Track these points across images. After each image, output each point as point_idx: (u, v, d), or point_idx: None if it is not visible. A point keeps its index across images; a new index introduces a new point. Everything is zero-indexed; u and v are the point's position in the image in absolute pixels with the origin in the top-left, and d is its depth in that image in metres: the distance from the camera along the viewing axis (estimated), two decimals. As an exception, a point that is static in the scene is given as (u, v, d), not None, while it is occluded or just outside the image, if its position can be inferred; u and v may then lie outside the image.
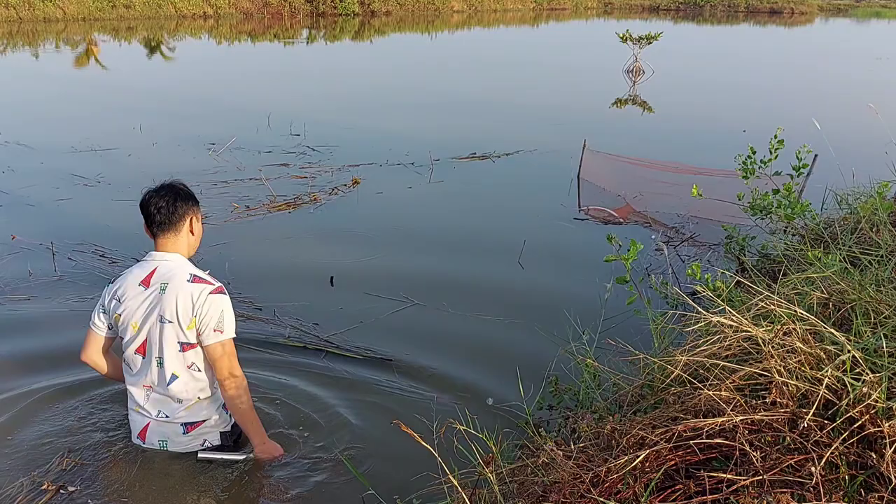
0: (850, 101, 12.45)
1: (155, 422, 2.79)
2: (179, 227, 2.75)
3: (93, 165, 7.28)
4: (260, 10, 27.69)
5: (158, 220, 2.72)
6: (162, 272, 2.69)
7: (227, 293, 2.74)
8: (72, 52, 17.50)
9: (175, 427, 2.80)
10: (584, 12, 38.62)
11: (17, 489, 2.65)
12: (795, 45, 26.53)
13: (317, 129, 9.03)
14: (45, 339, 3.78)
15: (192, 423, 2.81)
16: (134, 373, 2.79)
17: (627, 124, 11.19)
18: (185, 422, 2.79)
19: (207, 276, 2.74)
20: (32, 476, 2.71)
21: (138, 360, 2.75)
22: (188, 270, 2.71)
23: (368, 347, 3.80)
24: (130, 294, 2.71)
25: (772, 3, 40.51)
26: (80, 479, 2.72)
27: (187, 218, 2.77)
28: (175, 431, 2.80)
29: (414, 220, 5.99)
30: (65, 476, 2.73)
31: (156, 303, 2.67)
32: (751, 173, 4.58)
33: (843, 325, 2.30)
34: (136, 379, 2.78)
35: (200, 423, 2.82)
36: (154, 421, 2.79)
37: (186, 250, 2.80)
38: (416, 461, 2.49)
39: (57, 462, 2.80)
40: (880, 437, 1.69)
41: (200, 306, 2.64)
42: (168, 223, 2.72)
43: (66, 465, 2.78)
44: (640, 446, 1.85)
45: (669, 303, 3.50)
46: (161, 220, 2.72)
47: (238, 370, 2.72)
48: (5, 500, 2.60)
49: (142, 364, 2.76)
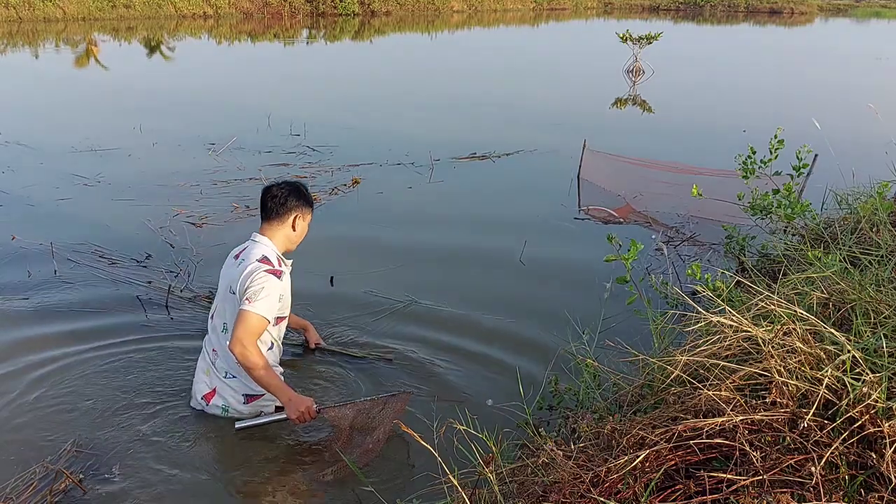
0: (849, 102, 12.45)
1: (220, 386, 3.02)
2: (284, 219, 3.03)
3: (93, 165, 7.28)
4: (260, 10, 27.69)
5: (269, 207, 3.02)
6: (249, 250, 2.99)
7: (282, 279, 2.93)
8: (72, 52, 17.50)
9: (238, 396, 3.02)
10: (584, 12, 38.61)
11: (28, 476, 2.71)
12: (795, 45, 26.51)
13: (317, 129, 9.04)
14: (44, 339, 3.78)
15: (252, 395, 3.02)
16: (209, 336, 3.09)
17: (627, 124, 11.19)
18: (245, 393, 3.01)
19: (276, 260, 2.96)
20: (44, 463, 2.78)
21: (210, 324, 3.08)
22: (263, 252, 2.95)
23: (368, 347, 3.80)
24: (226, 266, 3.08)
25: (772, 3, 40.50)
26: (88, 467, 2.79)
27: (293, 214, 3.04)
28: (238, 400, 3.03)
29: (414, 220, 5.99)
30: (76, 462, 2.80)
31: (233, 275, 2.95)
32: (751, 173, 4.57)
33: (843, 325, 2.30)
34: (208, 343, 3.08)
35: (260, 395, 3.01)
36: (220, 385, 3.02)
37: (282, 241, 3.05)
38: (416, 461, 2.50)
39: (67, 448, 2.88)
40: (880, 437, 1.69)
41: (252, 280, 2.85)
42: (275, 213, 3.02)
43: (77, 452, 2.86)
44: (640, 446, 1.85)
45: (669, 303, 3.50)
46: (270, 207, 3.02)
47: (249, 344, 2.81)
48: (17, 490, 2.65)
49: (210, 329, 3.08)
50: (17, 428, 3.06)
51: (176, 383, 3.39)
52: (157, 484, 2.74)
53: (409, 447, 2.93)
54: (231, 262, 3.05)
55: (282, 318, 3.09)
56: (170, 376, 3.46)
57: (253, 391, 3.00)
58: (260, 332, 2.86)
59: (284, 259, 3.06)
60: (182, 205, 6.04)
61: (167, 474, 2.79)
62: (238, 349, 2.79)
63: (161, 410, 3.18)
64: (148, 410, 3.18)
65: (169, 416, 3.15)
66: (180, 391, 3.32)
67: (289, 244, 3.09)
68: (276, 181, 3.12)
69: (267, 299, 2.83)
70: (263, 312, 2.83)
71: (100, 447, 2.93)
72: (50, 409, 3.18)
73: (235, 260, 3.02)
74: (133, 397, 3.28)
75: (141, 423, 3.10)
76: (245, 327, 2.79)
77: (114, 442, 2.96)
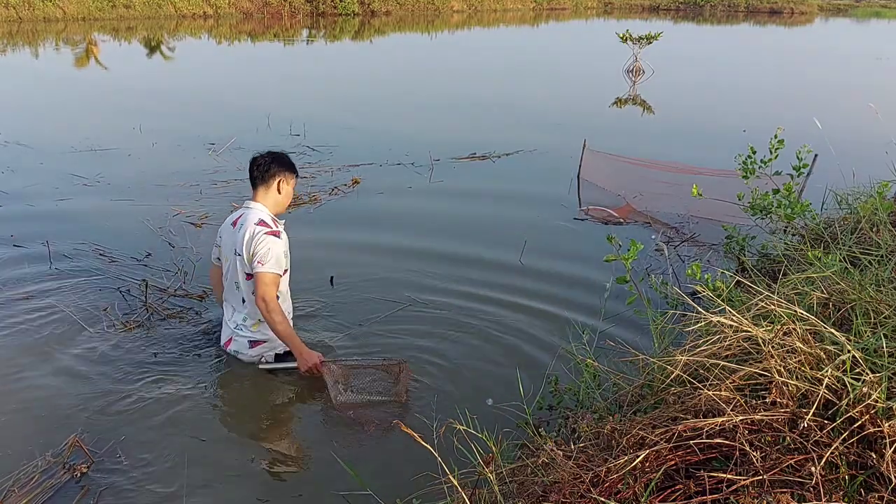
0: (850, 101, 12.45)
1: (234, 334, 3.51)
2: (270, 184, 3.41)
3: (93, 165, 7.28)
4: (260, 10, 27.69)
5: (255, 175, 3.42)
6: (245, 216, 3.37)
7: (281, 237, 3.34)
8: (72, 52, 17.49)
9: (244, 342, 3.50)
10: (584, 12, 38.62)
11: (31, 469, 2.75)
12: (795, 44, 26.52)
13: (316, 130, 9.04)
14: (46, 337, 3.79)
15: (256, 340, 3.49)
16: (224, 294, 3.58)
17: (627, 124, 11.19)
18: (250, 339, 3.49)
19: (271, 221, 3.36)
20: (46, 457, 2.77)
21: (225, 284, 3.54)
22: (259, 216, 3.34)
23: (368, 347, 3.80)
24: (225, 233, 3.49)
25: (772, 2, 40.51)
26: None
27: (277, 178, 3.41)
28: (244, 345, 3.50)
29: (414, 220, 5.98)
30: (77, 456, 2.79)
31: (235, 239, 3.35)
32: (751, 173, 4.57)
33: (843, 325, 2.30)
34: (225, 299, 3.57)
35: (262, 342, 3.49)
36: (234, 333, 3.51)
37: (272, 204, 3.44)
38: (416, 461, 2.49)
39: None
40: (880, 437, 1.69)
41: (256, 243, 3.26)
42: (261, 179, 3.41)
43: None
44: (640, 446, 1.85)
45: (669, 303, 3.50)
46: (256, 175, 3.42)
47: (270, 298, 3.24)
48: (19, 483, 2.68)
49: (227, 287, 3.53)
50: (17, 423, 3.08)
51: (168, 374, 3.47)
52: (157, 474, 2.78)
53: (408, 447, 2.93)
54: (229, 229, 3.45)
55: (286, 270, 3.50)
56: (162, 366, 3.53)
57: (255, 338, 3.48)
58: (276, 285, 3.29)
59: (277, 220, 3.43)
60: (181, 205, 6.04)
61: (167, 462, 2.86)
62: (262, 305, 3.25)
63: (157, 401, 3.25)
64: (143, 403, 3.24)
65: (165, 403, 3.23)
66: (174, 380, 3.42)
67: (278, 207, 3.48)
68: (260, 152, 3.46)
69: (272, 259, 3.26)
70: (275, 269, 3.27)
71: (102, 440, 2.98)
72: (49, 404, 3.22)
73: (234, 227, 3.40)
74: (132, 389, 3.34)
75: (139, 413, 3.16)
76: (264, 286, 3.24)
77: (114, 432, 3.02)
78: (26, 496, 2.60)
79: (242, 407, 3.32)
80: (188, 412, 3.20)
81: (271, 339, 3.45)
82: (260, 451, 3.00)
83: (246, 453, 2.97)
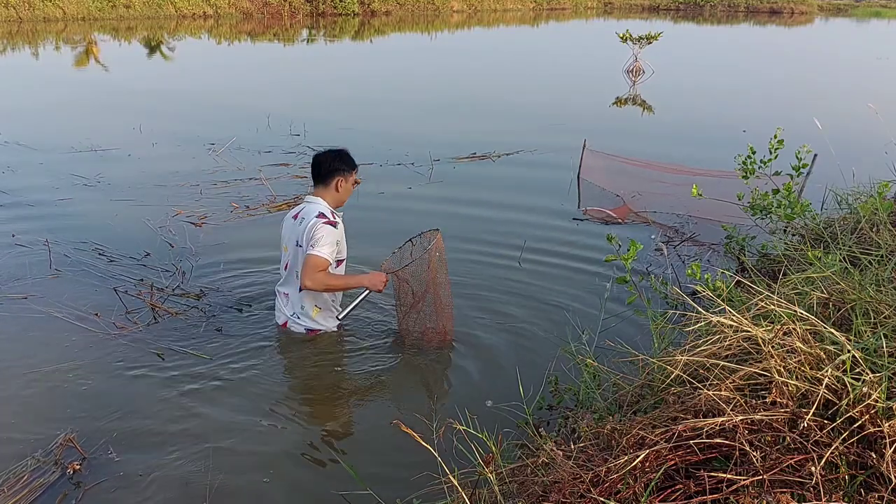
0: (850, 101, 12.45)
1: (291, 321, 3.72)
2: (329, 182, 3.59)
3: (93, 165, 7.28)
4: (260, 10, 27.69)
5: (316, 172, 3.60)
6: (306, 210, 3.57)
7: (337, 227, 3.54)
8: (72, 52, 17.49)
9: (301, 329, 3.71)
10: (584, 12, 38.62)
11: (19, 469, 2.75)
12: (795, 44, 26.51)
13: (316, 129, 9.03)
14: (43, 336, 3.79)
15: (312, 329, 3.72)
16: (280, 282, 3.77)
17: (627, 124, 11.18)
18: (307, 327, 3.72)
19: (330, 214, 3.54)
20: (35, 457, 2.78)
21: (284, 273, 3.72)
22: (319, 210, 3.53)
23: (368, 347, 3.80)
24: (287, 225, 3.69)
25: (772, 2, 40.52)
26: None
27: (335, 178, 3.59)
28: (300, 333, 3.71)
29: (414, 221, 5.97)
30: (68, 454, 2.79)
31: (297, 231, 3.55)
32: (751, 173, 4.57)
33: (843, 325, 2.30)
34: (281, 287, 3.76)
35: (319, 331, 3.72)
36: (290, 320, 3.72)
37: (331, 199, 3.61)
38: (416, 461, 2.49)
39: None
40: (880, 437, 1.69)
41: (313, 231, 3.45)
42: (320, 178, 3.59)
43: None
44: (640, 446, 1.85)
45: (669, 303, 3.50)
46: (318, 172, 3.59)
47: (313, 276, 3.41)
48: (8, 482, 2.67)
49: (285, 276, 3.71)
50: (8, 423, 3.09)
51: (163, 373, 3.48)
52: (152, 469, 2.80)
53: (409, 447, 2.93)
54: (290, 223, 3.65)
55: (341, 261, 3.68)
56: (158, 365, 3.54)
57: (312, 327, 3.71)
58: (322, 269, 3.43)
59: (336, 212, 3.62)
60: (181, 205, 6.04)
61: (161, 460, 2.86)
62: (308, 284, 3.43)
63: (152, 400, 3.25)
64: (137, 401, 3.24)
65: (159, 402, 3.25)
66: (169, 379, 3.43)
67: (337, 202, 3.65)
68: (323, 150, 3.68)
69: (327, 245, 3.43)
70: (325, 255, 3.43)
71: (95, 437, 3.00)
72: (43, 403, 3.23)
73: (295, 220, 3.61)
74: (126, 388, 3.35)
75: (134, 413, 3.16)
76: (310, 266, 3.41)
77: (108, 430, 3.04)
78: (14, 496, 2.60)
79: (239, 407, 3.31)
80: (184, 411, 3.20)
81: (327, 326, 3.73)
82: (259, 451, 3.00)
83: (244, 453, 2.97)
